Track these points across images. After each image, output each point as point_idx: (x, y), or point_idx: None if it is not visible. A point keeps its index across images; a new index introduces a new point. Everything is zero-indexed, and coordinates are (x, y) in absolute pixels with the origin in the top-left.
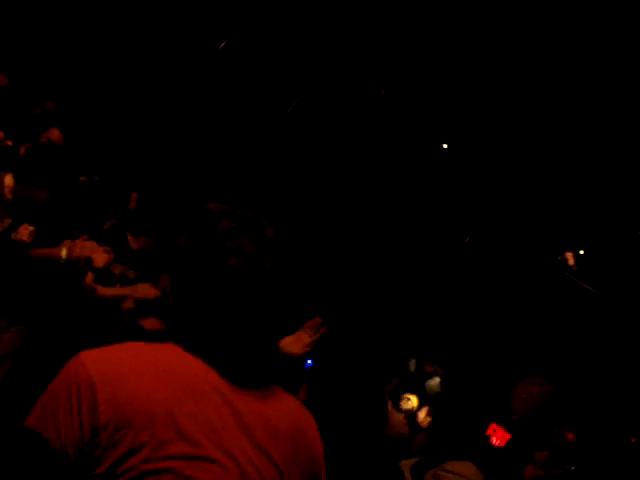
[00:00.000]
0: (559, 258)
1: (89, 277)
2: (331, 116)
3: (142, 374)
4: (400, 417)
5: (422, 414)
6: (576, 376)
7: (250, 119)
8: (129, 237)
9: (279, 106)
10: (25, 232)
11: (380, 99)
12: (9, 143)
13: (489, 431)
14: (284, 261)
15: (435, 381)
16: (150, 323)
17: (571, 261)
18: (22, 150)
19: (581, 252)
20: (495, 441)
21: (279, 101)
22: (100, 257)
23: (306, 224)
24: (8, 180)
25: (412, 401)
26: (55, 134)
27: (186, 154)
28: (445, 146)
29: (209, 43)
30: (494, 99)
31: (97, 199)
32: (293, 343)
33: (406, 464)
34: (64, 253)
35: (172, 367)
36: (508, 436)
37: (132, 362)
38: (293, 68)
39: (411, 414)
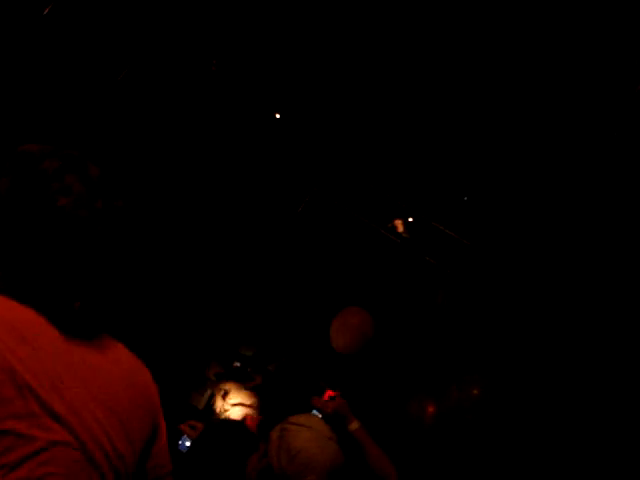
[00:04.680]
0: (389, 225)
1: None
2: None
3: None
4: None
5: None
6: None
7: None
8: None
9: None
10: None
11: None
12: None
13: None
14: (114, 200)
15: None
16: None
17: (400, 228)
18: None
19: (410, 219)
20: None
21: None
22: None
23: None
24: None
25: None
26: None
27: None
28: (277, 116)
29: None
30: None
31: None
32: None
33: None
34: None
35: (3, 320)
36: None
37: None
38: None
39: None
